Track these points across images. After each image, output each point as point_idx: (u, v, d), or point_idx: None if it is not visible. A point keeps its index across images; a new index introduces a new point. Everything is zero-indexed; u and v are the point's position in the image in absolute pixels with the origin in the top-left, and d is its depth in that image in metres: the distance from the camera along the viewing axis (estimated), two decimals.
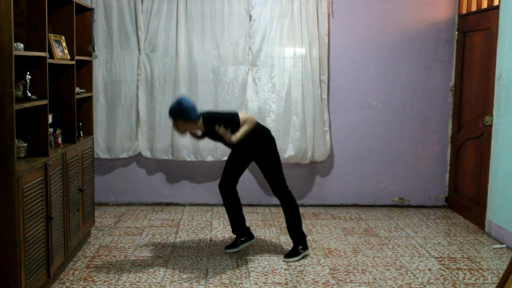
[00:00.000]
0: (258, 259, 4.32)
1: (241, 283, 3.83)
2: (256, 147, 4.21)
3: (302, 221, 5.38)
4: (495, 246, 4.72)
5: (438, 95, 5.92)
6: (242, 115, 4.12)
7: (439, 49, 5.87)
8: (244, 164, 4.42)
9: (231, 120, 4.08)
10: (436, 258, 4.42)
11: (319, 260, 4.31)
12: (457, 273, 4.09)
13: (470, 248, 4.68)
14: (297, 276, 3.99)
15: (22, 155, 3.41)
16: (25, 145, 3.45)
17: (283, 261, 4.26)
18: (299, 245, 4.35)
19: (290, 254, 4.32)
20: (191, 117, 4.01)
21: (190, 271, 4.05)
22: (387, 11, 5.81)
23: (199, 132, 4.30)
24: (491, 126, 5.00)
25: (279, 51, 5.71)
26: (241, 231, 4.51)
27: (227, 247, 4.51)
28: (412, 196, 6.05)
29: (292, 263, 4.22)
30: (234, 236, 4.69)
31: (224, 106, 5.70)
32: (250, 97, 5.71)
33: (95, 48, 5.01)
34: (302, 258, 4.32)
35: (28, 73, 3.43)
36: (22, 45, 3.33)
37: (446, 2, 5.83)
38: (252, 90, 5.72)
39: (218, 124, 4.02)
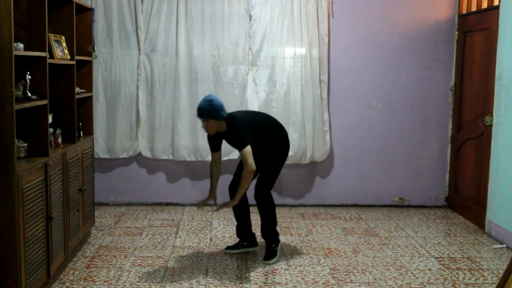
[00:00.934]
0: (258, 259, 4.32)
1: (241, 283, 3.83)
2: (276, 150, 4.22)
3: (302, 221, 5.41)
4: (495, 246, 4.72)
5: (438, 95, 5.92)
6: (245, 153, 3.95)
7: (439, 49, 5.87)
8: (259, 167, 4.25)
9: (239, 142, 4.00)
10: (436, 258, 4.42)
11: (319, 260, 4.31)
12: (457, 273, 4.09)
13: (470, 248, 4.68)
14: (297, 276, 3.99)
15: (22, 155, 3.41)
16: (25, 145, 3.45)
17: (264, 263, 4.21)
18: (273, 243, 4.31)
19: (269, 256, 4.26)
20: (223, 116, 4.00)
21: (190, 271, 4.05)
22: (387, 11, 5.81)
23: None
24: (491, 126, 5.00)
25: (279, 51, 5.71)
26: (246, 236, 4.47)
27: (228, 248, 4.51)
28: (412, 196, 6.05)
29: (292, 263, 4.22)
30: (235, 236, 4.69)
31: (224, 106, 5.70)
32: (250, 97, 5.71)
33: (95, 48, 5.01)
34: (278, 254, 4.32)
35: (28, 73, 3.43)
36: (22, 45, 3.33)
37: (446, 2, 5.83)
38: (252, 90, 5.73)
39: (231, 134, 4.03)
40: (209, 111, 3.96)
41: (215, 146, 4.29)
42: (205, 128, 4.06)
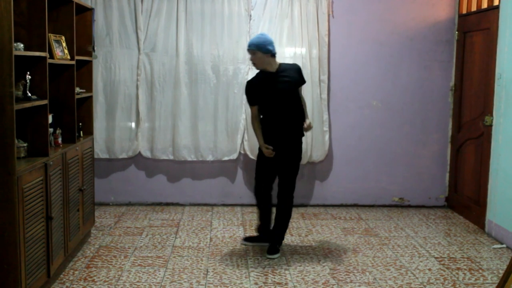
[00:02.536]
0: (258, 259, 4.32)
1: (241, 283, 3.83)
2: (298, 138, 4.36)
3: (302, 221, 5.41)
4: (495, 246, 4.72)
5: (438, 95, 5.92)
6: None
7: (439, 49, 5.87)
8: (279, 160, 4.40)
9: (302, 77, 4.40)
10: (436, 258, 4.43)
11: (319, 260, 4.31)
12: (457, 273, 4.09)
13: (470, 248, 4.68)
14: (297, 276, 3.99)
15: (22, 155, 3.41)
16: (25, 145, 3.45)
17: (267, 257, 4.32)
18: (279, 244, 4.46)
19: (273, 251, 4.38)
20: (270, 50, 4.22)
21: (190, 271, 4.05)
22: (387, 11, 5.81)
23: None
24: (491, 126, 5.00)
25: (279, 51, 5.63)
26: (266, 232, 4.55)
27: (246, 239, 4.62)
28: (412, 196, 6.05)
29: (292, 263, 4.22)
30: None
31: (223, 105, 5.71)
32: None
33: (95, 48, 5.01)
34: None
35: (28, 73, 3.43)
36: (22, 45, 3.33)
37: (446, 2, 5.83)
38: None
39: (291, 68, 4.35)
40: (256, 43, 4.21)
41: (256, 99, 4.36)
42: (252, 61, 4.30)
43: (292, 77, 4.31)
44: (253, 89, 4.33)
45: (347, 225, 5.31)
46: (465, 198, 5.62)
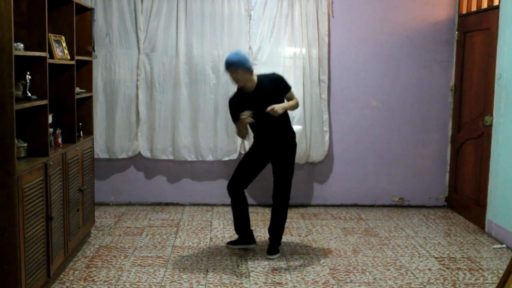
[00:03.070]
0: (258, 259, 4.32)
1: (241, 283, 3.83)
2: (290, 142, 4.34)
3: (302, 221, 5.41)
4: (495, 246, 4.72)
5: (438, 95, 5.92)
6: (293, 92, 4.37)
7: (439, 49, 5.87)
8: (264, 164, 4.42)
9: (285, 85, 4.30)
10: (436, 258, 4.42)
11: (319, 260, 4.31)
12: (457, 273, 4.09)
13: (470, 248, 4.68)
14: (297, 276, 3.99)
15: (22, 155, 3.41)
16: (25, 145, 3.45)
17: (268, 257, 4.32)
18: (278, 244, 4.46)
19: (273, 251, 4.38)
20: (250, 68, 4.17)
21: (190, 271, 4.05)
22: (387, 11, 5.81)
23: (248, 119, 4.16)
24: (491, 126, 5.00)
25: (279, 51, 5.70)
26: (244, 233, 4.53)
27: (229, 243, 4.60)
28: (412, 196, 6.05)
29: (292, 263, 4.22)
30: (235, 235, 4.71)
31: (223, 105, 5.70)
32: None
33: (95, 48, 5.01)
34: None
35: (28, 73, 3.43)
36: (22, 45, 3.33)
37: (446, 2, 5.83)
38: None
39: (269, 81, 4.24)
40: (237, 60, 4.12)
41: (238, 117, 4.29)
42: (235, 79, 4.21)
43: (270, 93, 4.22)
44: (235, 109, 4.29)
45: (347, 225, 5.31)
46: (465, 198, 5.62)
